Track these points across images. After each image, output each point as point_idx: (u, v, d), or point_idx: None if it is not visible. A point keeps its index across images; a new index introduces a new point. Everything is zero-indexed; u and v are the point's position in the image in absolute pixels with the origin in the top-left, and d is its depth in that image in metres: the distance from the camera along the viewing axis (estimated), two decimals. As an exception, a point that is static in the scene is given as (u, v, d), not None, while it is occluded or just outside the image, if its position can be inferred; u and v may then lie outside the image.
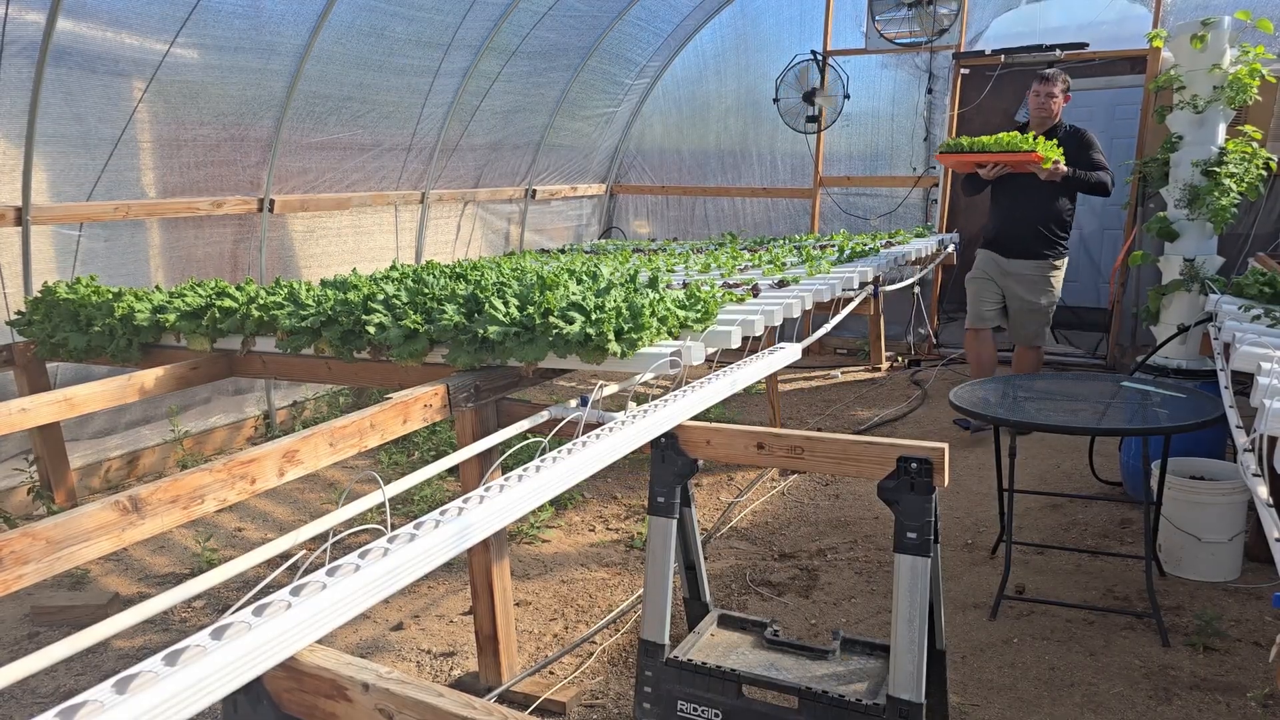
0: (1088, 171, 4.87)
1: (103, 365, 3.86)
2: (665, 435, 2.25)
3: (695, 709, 2.14)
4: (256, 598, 1.18)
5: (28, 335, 3.85)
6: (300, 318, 3.14)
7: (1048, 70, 4.99)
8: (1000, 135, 4.69)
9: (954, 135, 7.14)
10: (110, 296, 3.70)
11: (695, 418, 2.34)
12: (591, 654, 3.05)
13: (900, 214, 7.44)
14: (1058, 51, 6.58)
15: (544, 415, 2.44)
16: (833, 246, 5.68)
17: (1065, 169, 4.75)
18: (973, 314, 5.35)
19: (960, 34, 6.98)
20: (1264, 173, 4.76)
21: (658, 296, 2.86)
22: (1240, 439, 2.19)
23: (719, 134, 8.26)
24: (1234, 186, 4.64)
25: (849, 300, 4.28)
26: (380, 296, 3.10)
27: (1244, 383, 2.53)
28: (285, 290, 3.46)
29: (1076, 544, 3.83)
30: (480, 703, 1.32)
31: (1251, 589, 3.38)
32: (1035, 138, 4.73)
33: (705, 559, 2.94)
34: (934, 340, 7.39)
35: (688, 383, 2.49)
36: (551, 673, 2.95)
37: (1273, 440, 2.06)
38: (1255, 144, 4.73)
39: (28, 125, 4.04)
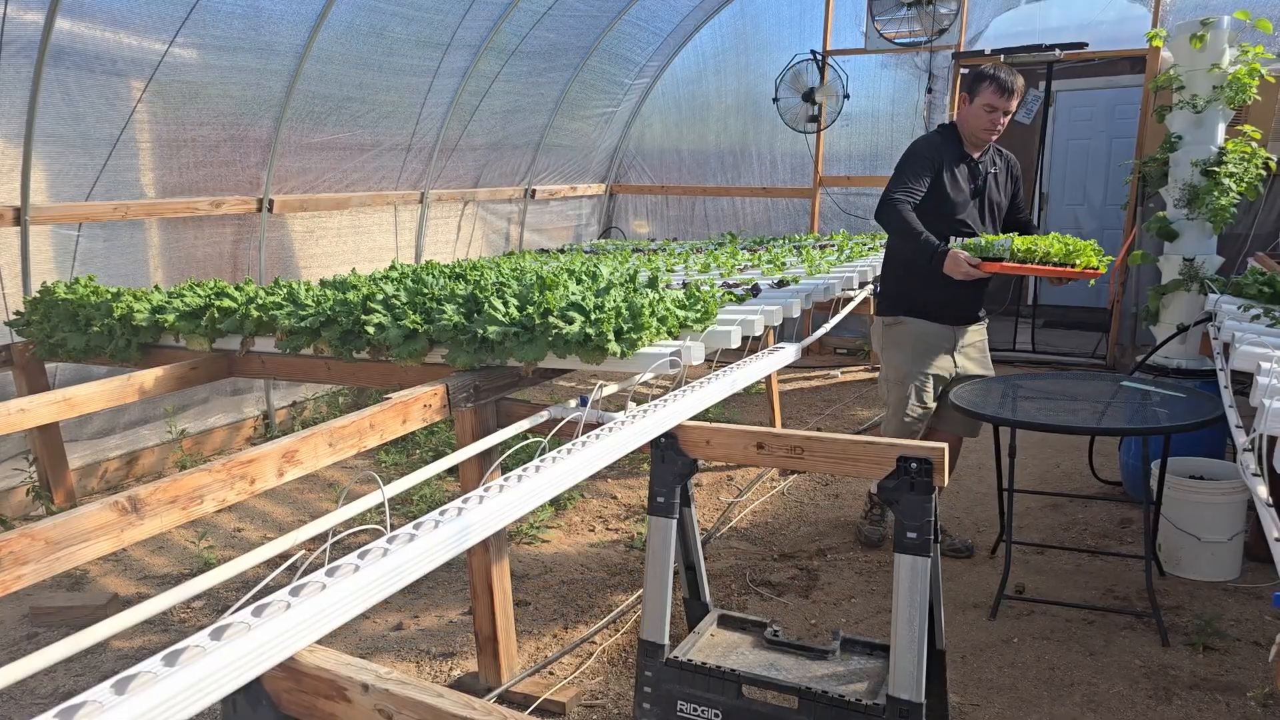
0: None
1: (102, 365, 3.85)
2: (665, 435, 2.25)
3: (695, 709, 2.14)
4: (256, 598, 1.18)
5: (26, 335, 3.84)
6: (299, 318, 3.13)
7: (1016, 80, 3.37)
8: (1064, 240, 3.24)
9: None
10: (109, 296, 3.70)
11: (695, 418, 2.33)
12: (591, 654, 3.05)
13: (900, 214, 7.43)
14: (1057, 51, 6.58)
15: (544, 415, 2.44)
16: (833, 246, 5.68)
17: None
18: (912, 418, 3.58)
19: (960, 33, 6.98)
20: (1263, 172, 4.76)
21: (657, 296, 2.86)
22: (1240, 439, 2.19)
23: (719, 134, 8.26)
24: (1233, 186, 4.64)
25: (849, 300, 4.28)
26: (379, 296, 3.09)
27: (1244, 382, 2.52)
28: (284, 290, 3.46)
29: (1076, 544, 3.83)
30: (480, 703, 1.31)
31: (1251, 589, 3.38)
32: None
33: (705, 559, 2.93)
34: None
35: (687, 383, 2.49)
36: (551, 673, 2.94)
37: (1272, 440, 2.06)
38: (1255, 144, 4.73)
39: (26, 125, 4.03)
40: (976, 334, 3.70)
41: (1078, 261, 3.22)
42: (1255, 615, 3.18)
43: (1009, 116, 3.40)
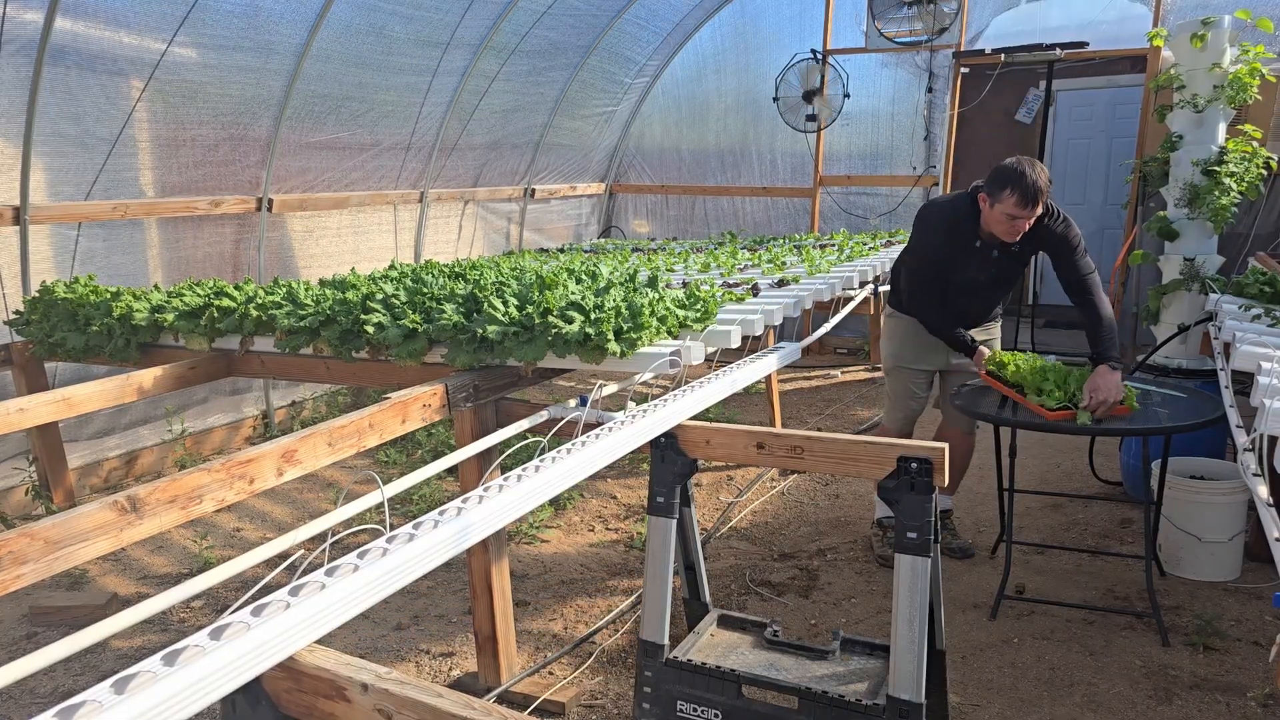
0: (1098, 311, 3.36)
1: (101, 365, 3.85)
2: (665, 435, 2.25)
3: (695, 709, 2.14)
4: (255, 598, 1.18)
5: (26, 335, 3.84)
6: (299, 317, 3.13)
7: (1041, 180, 3.13)
8: (1076, 373, 3.25)
9: (953, 134, 7.14)
10: (108, 296, 3.69)
11: (695, 417, 2.33)
12: (591, 654, 3.04)
13: (900, 213, 7.43)
14: (1058, 50, 6.57)
15: (543, 415, 2.44)
16: (833, 246, 5.68)
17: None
18: (906, 410, 3.75)
19: (960, 33, 6.98)
20: (1264, 172, 4.77)
21: (657, 296, 2.86)
22: (1240, 439, 2.19)
23: (719, 133, 8.25)
24: (1234, 186, 4.64)
25: (849, 300, 4.28)
26: (379, 296, 3.09)
27: (1244, 382, 2.52)
28: (284, 290, 3.45)
29: (1076, 544, 3.83)
30: (479, 703, 1.31)
31: (1251, 589, 3.38)
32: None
33: (705, 559, 2.93)
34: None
35: (687, 382, 2.49)
36: (551, 673, 2.94)
37: (1273, 440, 2.06)
38: (1255, 143, 4.73)
39: (26, 124, 4.03)
40: (982, 335, 3.63)
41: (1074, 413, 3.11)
42: (1255, 615, 3.18)
43: (1028, 221, 3.20)
